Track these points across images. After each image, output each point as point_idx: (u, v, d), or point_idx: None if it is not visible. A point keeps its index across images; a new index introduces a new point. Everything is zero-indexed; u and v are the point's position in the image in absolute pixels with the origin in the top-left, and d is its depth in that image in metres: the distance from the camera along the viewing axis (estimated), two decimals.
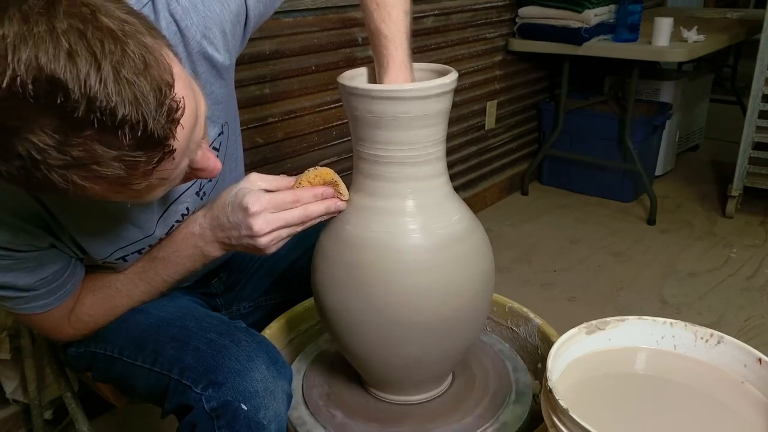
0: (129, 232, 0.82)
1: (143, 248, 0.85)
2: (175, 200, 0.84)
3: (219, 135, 0.88)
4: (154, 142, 0.54)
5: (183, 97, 0.56)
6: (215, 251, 0.83)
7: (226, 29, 0.82)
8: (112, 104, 0.50)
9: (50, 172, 0.53)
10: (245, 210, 0.76)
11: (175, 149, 0.57)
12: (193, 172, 0.67)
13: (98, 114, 0.50)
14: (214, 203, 0.81)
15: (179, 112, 0.55)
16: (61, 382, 1.20)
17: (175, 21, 0.76)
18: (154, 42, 0.55)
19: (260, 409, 0.74)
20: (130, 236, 0.82)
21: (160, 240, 0.86)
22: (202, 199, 0.88)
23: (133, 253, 0.85)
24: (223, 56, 0.83)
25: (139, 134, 0.52)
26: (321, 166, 0.83)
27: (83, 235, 0.78)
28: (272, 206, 0.77)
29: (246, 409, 0.73)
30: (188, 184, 0.84)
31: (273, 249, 0.80)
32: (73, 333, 0.89)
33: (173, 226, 0.86)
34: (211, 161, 0.67)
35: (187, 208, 0.86)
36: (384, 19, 0.84)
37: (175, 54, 0.60)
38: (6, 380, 1.35)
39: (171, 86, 0.55)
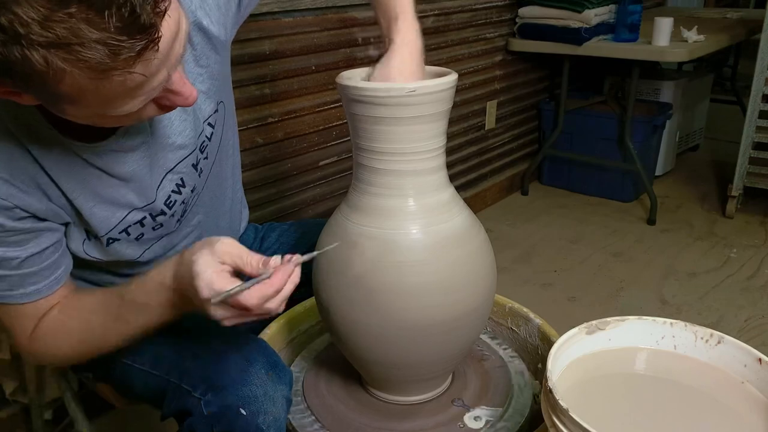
0: (129, 198, 0.80)
1: (144, 217, 0.83)
2: (171, 170, 0.83)
3: (214, 113, 0.88)
4: (140, 27, 0.53)
5: None
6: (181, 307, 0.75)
7: (221, 2, 0.84)
8: None
9: (31, 50, 0.51)
10: (196, 290, 0.68)
11: (160, 37, 0.56)
12: (167, 96, 0.65)
13: None
14: (184, 256, 0.73)
15: (165, 4, 0.55)
16: (61, 382, 1.19)
17: None
18: None
19: (259, 414, 0.73)
20: (131, 202, 0.80)
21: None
22: (200, 176, 0.88)
23: (135, 224, 0.82)
24: (218, 29, 0.84)
25: (126, 16, 0.52)
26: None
27: (85, 199, 0.76)
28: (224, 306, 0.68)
29: (245, 414, 0.73)
30: (185, 153, 0.83)
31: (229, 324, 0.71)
32: (28, 347, 0.81)
33: (170, 196, 0.84)
34: (187, 86, 0.65)
35: (182, 179, 0.85)
36: None
37: None
38: (6, 380, 1.35)
39: None
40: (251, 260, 0.70)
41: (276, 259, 0.70)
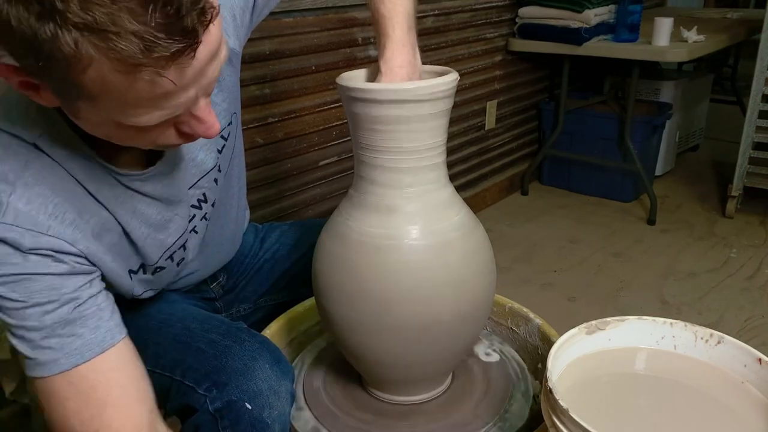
0: (176, 221, 0.80)
1: (186, 239, 0.84)
2: (194, 185, 0.83)
3: (228, 125, 0.87)
4: (181, 29, 0.51)
5: (218, 5, 0.55)
6: None
7: (236, 14, 0.83)
8: None
9: (63, 29, 0.48)
10: None
11: (198, 44, 0.54)
12: (189, 122, 0.63)
13: None
14: None
15: (211, 15, 0.54)
16: None
17: None
18: None
19: (264, 408, 0.74)
20: (179, 225, 0.81)
21: None
22: (219, 189, 0.88)
23: (177, 250, 0.84)
24: (233, 42, 0.84)
25: (170, 14, 0.50)
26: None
27: (139, 229, 0.76)
28: None
29: (250, 408, 0.73)
30: (207, 168, 0.83)
31: None
32: None
33: (194, 215, 0.85)
34: (211, 116, 0.64)
35: (204, 194, 0.85)
36: (384, 1, 0.84)
37: None
38: (6, 380, 1.35)
39: None
40: None
41: None
